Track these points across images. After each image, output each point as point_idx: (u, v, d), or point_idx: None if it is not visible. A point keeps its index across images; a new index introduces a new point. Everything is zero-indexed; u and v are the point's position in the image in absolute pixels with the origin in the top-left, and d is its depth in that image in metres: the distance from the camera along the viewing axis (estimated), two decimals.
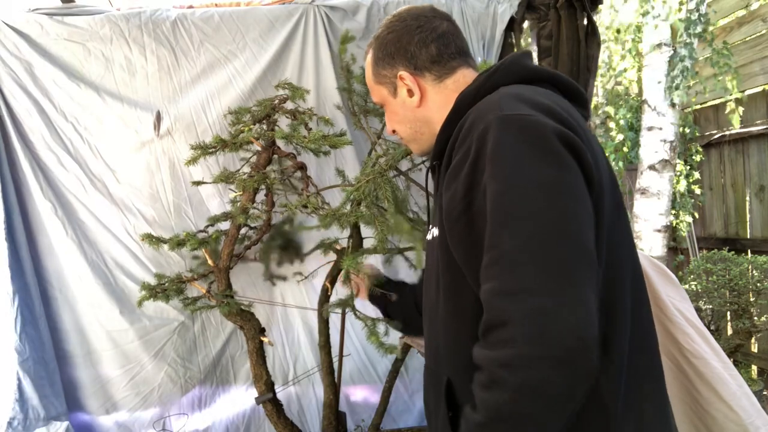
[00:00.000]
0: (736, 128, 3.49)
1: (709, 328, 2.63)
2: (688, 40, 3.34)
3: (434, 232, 0.89)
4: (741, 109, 3.37)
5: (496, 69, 0.86)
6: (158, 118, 2.02)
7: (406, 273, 2.21)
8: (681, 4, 3.37)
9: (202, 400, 2.14)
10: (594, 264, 0.64)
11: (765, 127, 3.36)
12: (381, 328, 1.51)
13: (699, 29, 3.29)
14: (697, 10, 3.28)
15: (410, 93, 0.96)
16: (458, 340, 0.81)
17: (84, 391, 2.03)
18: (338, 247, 1.75)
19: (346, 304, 1.56)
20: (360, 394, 2.25)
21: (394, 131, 1.05)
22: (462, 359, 0.77)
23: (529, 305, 0.60)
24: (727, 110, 3.43)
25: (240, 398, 2.18)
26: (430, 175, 1.02)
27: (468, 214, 0.73)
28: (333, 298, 1.71)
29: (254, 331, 1.78)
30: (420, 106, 0.96)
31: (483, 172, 0.70)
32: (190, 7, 2.07)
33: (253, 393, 1.83)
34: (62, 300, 2.00)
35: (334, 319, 1.88)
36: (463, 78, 0.95)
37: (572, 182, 0.67)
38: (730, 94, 3.34)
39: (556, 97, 0.82)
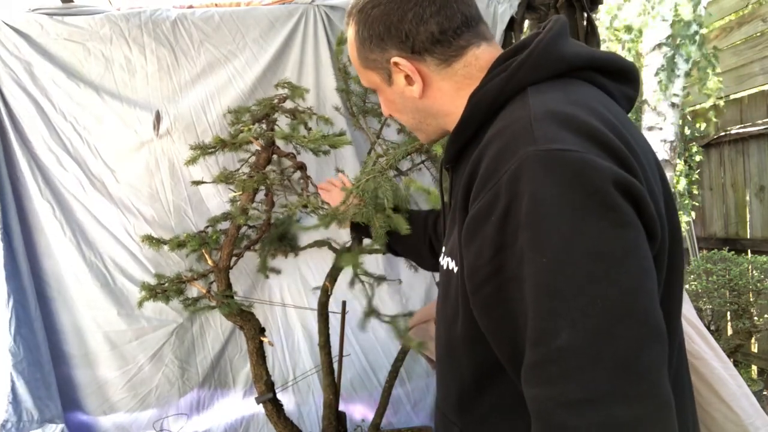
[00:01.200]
0: (712, 134, 3.50)
1: (709, 328, 2.62)
2: (681, 41, 3.35)
3: (450, 263, 0.75)
4: (715, 120, 3.38)
5: (523, 62, 0.67)
6: (158, 117, 2.01)
7: (407, 273, 2.22)
8: (677, 5, 3.37)
9: (201, 402, 2.13)
10: (665, 339, 0.54)
11: (765, 127, 3.35)
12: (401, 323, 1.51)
13: (692, 30, 3.29)
14: (694, 11, 3.29)
15: (409, 80, 0.78)
16: (476, 394, 0.74)
17: (82, 392, 2.02)
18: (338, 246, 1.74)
19: (372, 314, 1.55)
20: (360, 411, 2.23)
21: (390, 115, 0.89)
22: (477, 414, 0.74)
23: (602, 418, 0.50)
24: (708, 113, 3.46)
25: (239, 401, 2.18)
26: (441, 175, 0.87)
27: (496, 281, 0.59)
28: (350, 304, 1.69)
29: (254, 331, 1.77)
30: (423, 97, 0.79)
31: (516, 232, 0.56)
32: (190, 7, 2.06)
33: (252, 396, 1.82)
34: (60, 301, 1.99)
35: (334, 323, 1.87)
36: (475, 60, 0.75)
37: (636, 246, 0.54)
38: (708, 99, 3.36)
39: (597, 96, 0.67)
